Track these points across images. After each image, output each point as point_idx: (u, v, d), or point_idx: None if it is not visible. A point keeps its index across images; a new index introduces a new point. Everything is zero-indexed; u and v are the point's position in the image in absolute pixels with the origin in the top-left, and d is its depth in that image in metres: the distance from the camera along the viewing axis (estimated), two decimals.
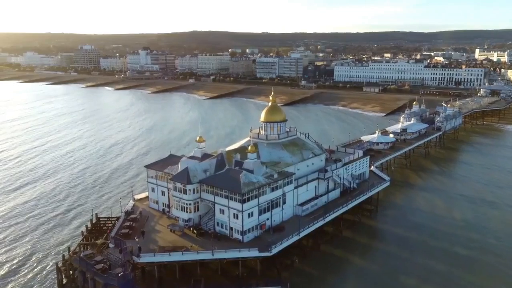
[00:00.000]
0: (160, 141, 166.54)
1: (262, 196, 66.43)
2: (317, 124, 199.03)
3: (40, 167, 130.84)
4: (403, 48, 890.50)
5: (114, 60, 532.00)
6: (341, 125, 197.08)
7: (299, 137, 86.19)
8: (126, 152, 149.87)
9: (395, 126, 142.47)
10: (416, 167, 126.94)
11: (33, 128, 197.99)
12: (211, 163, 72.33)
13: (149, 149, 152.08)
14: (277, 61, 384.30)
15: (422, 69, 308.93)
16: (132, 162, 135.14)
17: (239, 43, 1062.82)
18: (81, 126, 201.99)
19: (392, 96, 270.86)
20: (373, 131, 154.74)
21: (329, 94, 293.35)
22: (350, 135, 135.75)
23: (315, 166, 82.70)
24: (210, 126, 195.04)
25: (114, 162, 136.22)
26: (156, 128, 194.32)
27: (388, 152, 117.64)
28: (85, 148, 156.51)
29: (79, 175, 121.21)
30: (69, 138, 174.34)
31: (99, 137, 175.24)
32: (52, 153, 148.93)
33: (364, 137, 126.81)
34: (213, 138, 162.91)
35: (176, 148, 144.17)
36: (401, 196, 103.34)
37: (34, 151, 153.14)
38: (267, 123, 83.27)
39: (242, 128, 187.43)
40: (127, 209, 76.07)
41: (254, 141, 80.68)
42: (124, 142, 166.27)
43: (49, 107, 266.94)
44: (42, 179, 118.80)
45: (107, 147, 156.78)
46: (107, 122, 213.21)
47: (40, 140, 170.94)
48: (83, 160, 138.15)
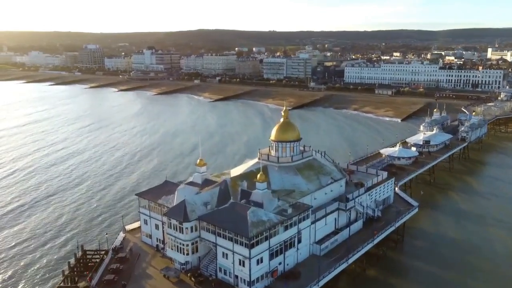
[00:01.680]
0: (162, 153, 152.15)
1: (274, 237, 55.21)
2: (329, 132, 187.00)
3: (31, 181, 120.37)
4: (411, 47, 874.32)
5: (119, 59, 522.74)
6: (355, 132, 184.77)
7: (315, 158, 74.69)
8: (122, 167, 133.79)
9: (416, 137, 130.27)
10: (441, 184, 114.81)
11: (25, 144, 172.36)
12: (213, 193, 61.22)
13: (150, 162, 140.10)
14: (285, 61, 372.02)
15: (437, 70, 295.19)
16: (128, 182, 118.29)
17: (245, 42, 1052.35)
18: (78, 139, 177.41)
19: (406, 99, 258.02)
20: (392, 141, 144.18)
21: (339, 97, 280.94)
22: (368, 148, 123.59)
23: (334, 193, 71.27)
24: (214, 134, 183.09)
25: (108, 182, 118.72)
26: (158, 140, 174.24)
27: (412, 169, 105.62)
28: (78, 165, 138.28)
29: (68, 196, 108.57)
30: (61, 155, 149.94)
31: (99, 150, 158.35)
32: (49, 169, 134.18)
33: (384, 150, 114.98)
34: (217, 150, 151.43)
35: (177, 164, 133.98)
36: (428, 221, 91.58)
37: (27, 166, 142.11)
38: (278, 142, 71.89)
39: (249, 136, 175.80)
40: (115, 245, 65.15)
41: (264, 163, 69.41)
42: (124, 154, 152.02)
43: (44, 115, 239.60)
44: (28, 199, 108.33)
45: (104, 161, 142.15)
46: (106, 133, 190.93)
47: (29, 158, 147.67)
48: (75, 179, 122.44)
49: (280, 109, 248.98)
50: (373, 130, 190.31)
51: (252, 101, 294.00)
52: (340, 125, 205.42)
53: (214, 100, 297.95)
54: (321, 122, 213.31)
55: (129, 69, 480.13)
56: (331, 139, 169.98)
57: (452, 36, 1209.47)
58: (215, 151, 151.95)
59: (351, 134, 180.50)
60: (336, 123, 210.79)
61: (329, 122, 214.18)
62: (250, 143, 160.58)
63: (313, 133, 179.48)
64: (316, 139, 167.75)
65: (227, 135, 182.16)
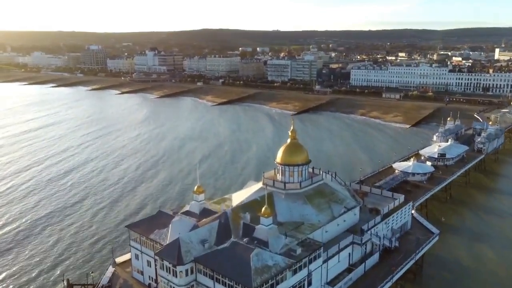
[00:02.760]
0: (166, 166, 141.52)
1: (281, 284, 48.00)
2: (336, 140, 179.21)
3: (24, 202, 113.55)
4: (417, 47, 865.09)
5: (121, 61, 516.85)
6: (364, 140, 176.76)
7: (326, 183, 67.34)
8: (124, 183, 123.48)
9: (430, 149, 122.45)
10: (458, 202, 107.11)
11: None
12: (212, 228, 54.12)
13: (154, 178, 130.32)
14: (290, 63, 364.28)
15: (446, 73, 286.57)
16: (129, 202, 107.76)
17: (249, 41, 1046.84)
18: (79, 149, 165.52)
19: (415, 104, 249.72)
20: (403, 152, 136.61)
21: (346, 101, 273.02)
22: (380, 162, 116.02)
23: (347, 223, 63.99)
24: (216, 143, 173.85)
25: (106, 202, 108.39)
26: (162, 150, 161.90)
27: (428, 187, 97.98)
28: (78, 179, 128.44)
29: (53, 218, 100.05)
30: (60, 168, 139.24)
31: (100, 162, 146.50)
32: (46, 185, 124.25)
33: (397, 165, 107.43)
34: (219, 164, 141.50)
35: (183, 178, 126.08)
36: (447, 247, 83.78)
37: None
38: (285, 166, 64.65)
39: (254, 147, 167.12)
40: (102, 284, 58.14)
41: (269, 190, 62.13)
42: (127, 167, 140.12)
43: (44, 121, 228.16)
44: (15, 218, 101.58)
45: (105, 176, 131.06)
46: (109, 142, 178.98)
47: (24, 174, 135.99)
48: (71, 197, 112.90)
49: (286, 113, 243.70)
50: (382, 138, 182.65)
51: (256, 104, 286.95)
52: (347, 132, 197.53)
53: (217, 104, 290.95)
54: (327, 129, 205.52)
55: (131, 70, 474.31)
56: (339, 149, 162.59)
57: (456, 35, 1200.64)
58: (224, 162, 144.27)
59: (360, 143, 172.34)
60: (343, 130, 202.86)
61: (336, 128, 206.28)
62: (260, 154, 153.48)
63: (320, 142, 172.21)
64: (323, 148, 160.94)
65: (236, 144, 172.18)
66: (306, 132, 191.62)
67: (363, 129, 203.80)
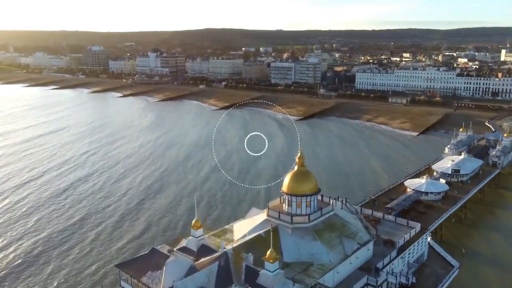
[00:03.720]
0: (173, 183, 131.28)
1: None
2: (342, 148, 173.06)
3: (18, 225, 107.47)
4: (421, 47, 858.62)
5: (123, 62, 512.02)
6: (371, 149, 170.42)
7: (336, 214, 61.48)
8: (125, 203, 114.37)
9: (443, 163, 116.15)
10: (474, 222, 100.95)
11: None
12: (210, 272, 48.45)
13: (160, 198, 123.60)
14: (293, 66, 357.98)
15: (454, 77, 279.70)
16: (129, 228, 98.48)
17: (252, 41, 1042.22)
18: (78, 162, 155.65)
19: (422, 109, 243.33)
20: (415, 165, 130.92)
21: (351, 105, 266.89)
22: (390, 178, 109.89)
23: (360, 260, 58.18)
24: (223, 154, 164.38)
25: (104, 225, 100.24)
26: (168, 165, 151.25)
27: (443, 207, 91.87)
28: (76, 197, 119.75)
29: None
30: (59, 183, 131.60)
31: (102, 177, 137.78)
32: (42, 205, 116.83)
33: (409, 183, 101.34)
34: (225, 180, 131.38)
35: (192, 199, 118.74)
36: (467, 276, 77.72)
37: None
38: (292, 196, 58.90)
39: (262, 159, 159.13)
40: None
41: (274, 223, 56.47)
42: (130, 182, 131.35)
43: (43, 129, 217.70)
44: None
45: (106, 194, 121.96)
46: (111, 154, 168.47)
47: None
48: (67, 219, 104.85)
49: (290, 119, 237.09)
50: (390, 146, 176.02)
51: (260, 109, 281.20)
52: (353, 139, 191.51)
53: (220, 108, 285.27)
54: (333, 136, 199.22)
55: (133, 72, 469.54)
56: (346, 158, 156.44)
57: (460, 35, 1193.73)
58: (233, 175, 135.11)
59: (367, 152, 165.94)
60: (350, 137, 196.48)
61: (341, 136, 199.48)
62: (269, 166, 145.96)
63: (327, 151, 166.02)
64: (331, 159, 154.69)
65: (244, 154, 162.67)
66: (312, 140, 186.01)
67: (370, 136, 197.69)
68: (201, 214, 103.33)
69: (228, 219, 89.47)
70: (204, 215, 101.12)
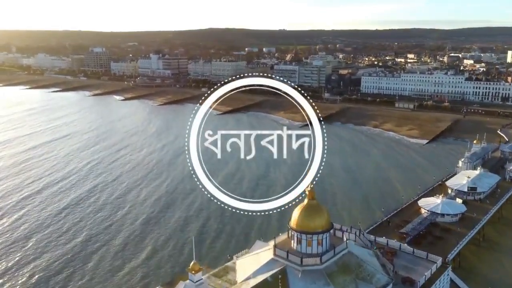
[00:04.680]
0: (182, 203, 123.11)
1: None
2: (349, 158, 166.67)
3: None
4: (425, 47, 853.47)
5: (125, 64, 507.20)
6: (379, 159, 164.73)
7: (351, 252, 55.50)
8: (126, 227, 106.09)
9: (458, 179, 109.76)
10: (493, 245, 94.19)
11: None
12: None
13: (166, 221, 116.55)
14: (297, 69, 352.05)
15: (463, 82, 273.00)
16: (131, 259, 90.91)
17: (255, 41, 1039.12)
18: (78, 176, 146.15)
19: (430, 115, 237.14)
20: (425, 179, 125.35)
21: (357, 110, 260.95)
22: (403, 197, 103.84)
23: None
24: (233, 167, 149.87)
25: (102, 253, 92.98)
26: (174, 181, 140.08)
27: (461, 231, 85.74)
28: (74, 216, 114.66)
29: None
30: (57, 201, 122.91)
31: (103, 194, 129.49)
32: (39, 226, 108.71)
33: (423, 203, 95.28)
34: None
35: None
36: None
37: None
38: (302, 233, 53.06)
39: (272, 173, 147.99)
40: None
41: (281, 263, 50.66)
42: (132, 203, 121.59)
43: (40, 139, 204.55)
44: None
45: (107, 215, 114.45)
46: (113, 166, 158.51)
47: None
48: (64, 244, 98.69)
49: (295, 125, 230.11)
50: (400, 156, 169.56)
51: (263, 113, 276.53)
52: (361, 147, 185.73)
53: (223, 113, 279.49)
54: (339, 144, 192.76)
55: (135, 73, 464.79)
56: (353, 172, 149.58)
57: (464, 35, 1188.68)
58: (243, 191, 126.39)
59: (375, 163, 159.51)
60: (356, 145, 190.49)
61: (349, 144, 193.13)
62: (280, 181, 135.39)
63: (333, 162, 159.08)
64: (337, 170, 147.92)
65: (254, 165, 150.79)
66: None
67: (377, 144, 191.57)
68: (204, 238, 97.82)
69: (233, 248, 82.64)
70: (206, 240, 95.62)
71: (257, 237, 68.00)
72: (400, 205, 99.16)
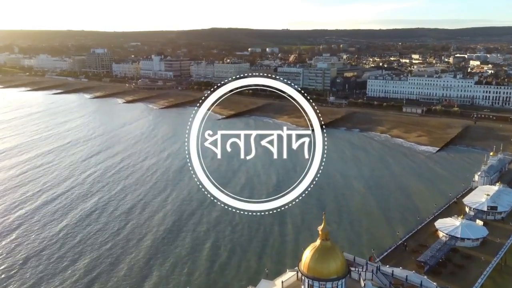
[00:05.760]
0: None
1: None
2: (355, 167, 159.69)
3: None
4: (429, 47, 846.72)
5: (127, 65, 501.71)
6: (388, 168, 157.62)
7: None
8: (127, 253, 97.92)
9: (475, 197, 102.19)
10: None
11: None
12: None
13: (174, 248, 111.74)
14: (302, 71, 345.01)
15: (473, 86, 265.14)
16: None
17: (258, 41, 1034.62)
18: (78, 193, 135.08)
19: (439, 121, 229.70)
20: (440, 193, 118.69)
21: (363, 115, 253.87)
22: (418, 218, 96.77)
23: None
24: (244, 179, 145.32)
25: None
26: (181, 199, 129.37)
27: (485, 259, 78.39)
28: (73, 238, 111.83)
29: None
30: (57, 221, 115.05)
31: (105, 213, 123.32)
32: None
33: (440, 224, 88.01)
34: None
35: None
36: None
37: None
38: (314, 280, 46.27)
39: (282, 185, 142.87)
40: None
41: None
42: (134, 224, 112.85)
43: (39, 149, 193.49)
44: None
45: (107, 240, 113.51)
46: (111, 179, 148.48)
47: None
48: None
49: (298, 129, 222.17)
50: (410, 166, 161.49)
51: (265, 118, 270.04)
52: (367, 156, 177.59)
53: (226, 117, 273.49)
54: (345, 151, 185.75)
55: (137, 75, 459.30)
56: (361, 182, 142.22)
57: (469, 34, 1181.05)
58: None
59: (384, 173, 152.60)
60: (363, 153, 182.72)
61: (355, 151, 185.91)
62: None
63: (338, 171, 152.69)
64: (342, 180, 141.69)
65: (263, 176, 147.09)
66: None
67: (385, 151, 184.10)
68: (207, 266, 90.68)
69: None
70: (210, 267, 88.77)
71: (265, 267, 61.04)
72: (415, 225, 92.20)
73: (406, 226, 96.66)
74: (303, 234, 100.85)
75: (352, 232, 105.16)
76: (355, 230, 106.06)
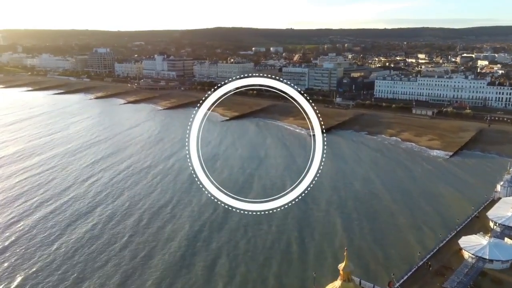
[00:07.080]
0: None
1: None
2: (365, 174, 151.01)
3: None
4: (435, 47, 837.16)
5: (129, 65, 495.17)
6: (402, 176, 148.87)
7: None
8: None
9: (500, 210, 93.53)
10: None
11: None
12: None
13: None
14: (307, 71, 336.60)
15: (485, 87, 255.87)
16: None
17: (262, 40, 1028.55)
18: (77, 207, 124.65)
19: (451, 124, 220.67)
20: (453, 195, 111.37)
21: (371, 117, 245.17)
22: (440, 236, 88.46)
23: None
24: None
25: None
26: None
27: None
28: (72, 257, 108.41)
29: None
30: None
31: (106, 226, 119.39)
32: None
33: (465, 243, 79.80)
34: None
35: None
36: None
37: None
38: None
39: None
40: None
41: None
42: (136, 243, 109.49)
43: (39, 155, 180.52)
44: None
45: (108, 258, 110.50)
46: (111, 188, 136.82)
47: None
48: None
49: (305, 134, 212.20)
50: (424, 173, 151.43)
51: (270, 120, 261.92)
52: (377, 161, 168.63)
53: (230, 119, 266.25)
54: (354, 155, 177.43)
55: (139, 75, 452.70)
56: (371, 192, 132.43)
57: (475, 34, 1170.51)
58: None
59: (397, 181, 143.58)
60: (372, 158, 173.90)
61: (363, 156, 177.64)
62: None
63: (346, 178, 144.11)
64: (351, 189, 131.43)
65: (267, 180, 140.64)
66: (329, 162, 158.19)
67: (396, 157, 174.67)
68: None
69: None
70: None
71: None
72: (436, 243, 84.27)
73: (425, 242, 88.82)
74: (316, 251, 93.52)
75: (366, 245, 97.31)
76: (368, 243, 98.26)
